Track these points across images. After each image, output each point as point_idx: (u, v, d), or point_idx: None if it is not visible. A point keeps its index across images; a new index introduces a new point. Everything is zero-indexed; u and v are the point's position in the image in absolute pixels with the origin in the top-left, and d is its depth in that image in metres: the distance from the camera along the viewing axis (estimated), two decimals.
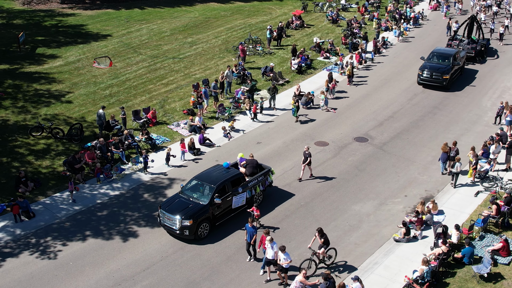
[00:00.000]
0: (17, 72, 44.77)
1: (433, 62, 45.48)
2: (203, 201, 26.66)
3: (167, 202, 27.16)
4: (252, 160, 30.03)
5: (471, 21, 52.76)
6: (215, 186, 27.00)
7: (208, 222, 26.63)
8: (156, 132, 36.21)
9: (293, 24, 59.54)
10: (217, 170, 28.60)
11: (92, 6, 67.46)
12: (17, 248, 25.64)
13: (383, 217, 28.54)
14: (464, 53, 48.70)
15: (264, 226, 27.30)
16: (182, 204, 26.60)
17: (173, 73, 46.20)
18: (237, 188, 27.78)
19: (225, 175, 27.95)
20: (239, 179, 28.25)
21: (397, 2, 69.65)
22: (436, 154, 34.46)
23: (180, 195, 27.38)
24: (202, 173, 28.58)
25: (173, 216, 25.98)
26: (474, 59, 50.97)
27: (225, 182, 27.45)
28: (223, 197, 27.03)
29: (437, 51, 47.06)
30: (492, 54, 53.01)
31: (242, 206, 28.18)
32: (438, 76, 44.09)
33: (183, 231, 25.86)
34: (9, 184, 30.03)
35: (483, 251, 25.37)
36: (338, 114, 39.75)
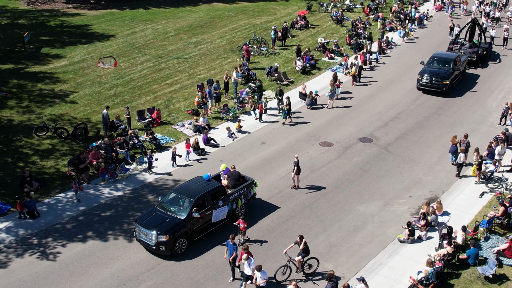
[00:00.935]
0: (22, 72, 44.83)
1: (433, 67, 44.52)
2: (181, 216, 25.57)
3: (144, 216, 26.04)
4: (234, 172, 28.74)
5: (472, 25, 51.98)
6: (193, 199, 25.85)
7: (185, 237, 25.51)
8: (160, 132, 36.22)
9: (298, 25, 59.50)
10: (197, 182, 27.39)
11: (97, 6, 67.53)
12: (22, 248, 25.67)
13: (387, 218, 28.49)
14: (465, 58, 47.78)
15: (250, 240, 26.40)
16: (158, 219, 25.52)
17: (177, 73, 46.22)
18: (217, 202, 26.60)
19: (204, 187, 26.75)
20: (220, 192, 27.04)
21: (402, 2, 69.56)
22: (441, 155, 34.47)
23: (157, 209, 26.31)
24: (181, 186, 27.71)
25: (149, 231, 24.91)
26: (475, 64, 50.01)
27: (204, 195, 26.27)
28: (202, 211, 25.91)
29: (437, 55, 46.12)
30: (494, 58, 52.40)
31: (223, 220, 27.10)
32: (438, 82, 43.17)
33: (159, 246, 24.82)
34: (14, 184, 30.07)
35: (488, 252, 25.30)
36: (343, 114, 39.70)
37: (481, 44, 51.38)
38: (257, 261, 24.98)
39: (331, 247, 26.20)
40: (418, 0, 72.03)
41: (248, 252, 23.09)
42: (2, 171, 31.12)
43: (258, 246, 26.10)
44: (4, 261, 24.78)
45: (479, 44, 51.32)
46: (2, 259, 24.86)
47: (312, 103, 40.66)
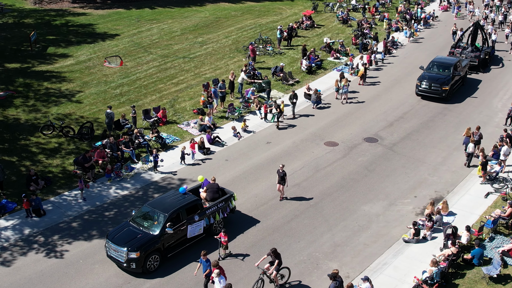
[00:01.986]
0: (29, 71, 45.03)
1: (432, 72, 43.33)
2: (153, 231, 24.46)
3: (115, 231, 24.91)
4: (213, 184, 27.52)
5: (474, 28, 50.86)
6: (167, 214, 24.68)
7: (158, 254, 24.41)
8: (166, 131, 36.31)
9: (304, 25, 59.51)
10: (172, 196, 26.32)
11: (103, 5, 67.73)
12: (27, 246, 25.80)
13: (392, 218, 28.49)
14: (466, 62, 46.43)
15: (232, 254, 25.50)
16: (130, 234, 24.40)
17: (183, 73, 46.32)
18: (193, 216, 25.50)
19: (179, 201, 25.61)
20: (196, 206, 25.90)
21: (408, 2, 69.49)
22: (446, 155, 34.46)
23: (130, 223, 25.18)
24: (155, 200, 26.61)
25: (119, 247, 23.81)
26: (477, 68, 48.70)
27: (179, 209, 25.12)
28: (176, 226, 24.82)
29: (437, 60, 44.87)
30: (497, 63, 51.28)
31: (199, 235, 25.99)
32: (437, 87, 41.96)
33: (130, 264, 23.72)
34: (20, 182, 30.22)
35: (493, 252, 25.28)
36: (348, 114, 39.71)
37: (483, 48, 50.29)
38: None
39: (336, 247, 26.22)
40: (424, 0, 71.92)
41: (219, 267, 22.31)
42: (8, 170, 31.24)
43: (263, 245, 26.11)
44: (10, 259, 24.90)
45: (481, 48, 50.20)
46: (8, 257, 24.99)
47: (317, 102, 40.66)
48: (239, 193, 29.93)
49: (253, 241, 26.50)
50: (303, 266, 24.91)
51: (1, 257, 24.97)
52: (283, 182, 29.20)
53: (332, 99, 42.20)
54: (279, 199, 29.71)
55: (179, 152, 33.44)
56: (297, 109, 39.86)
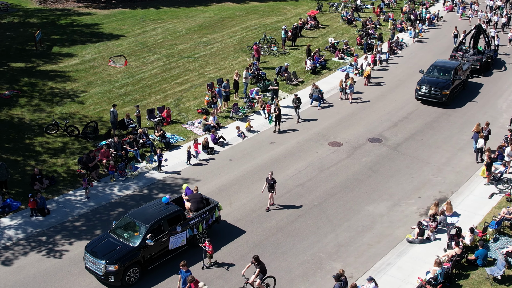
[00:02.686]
0: (33, 71, 45.14)
1: (432, 76, 42.44)
2: (133, 243, 23.64)
3: (94, 242, 24.20)
4: (196, 194, 26.87)
5: (477, 31, 50.02)
6: (148, 225, 23.89)
7: (138, 266, 23.62)
8: (170, 131, 36.35)
9: (308, 25, 59.50)
10: (154, 206, 25.44)
11: (108, 5, 67.84)
12: (31, 245, 25.86)
13: (396, 218, 28.46)
14: (467, 66, 45.30)
15: (217, 264, 24.85)
16: (109, 246, 23.63)
17: (187, 73, 46.36)
18: (175, 227, 24.70)
19: (161, 212, 24.80)
20: (179, 217, 25.11)
21: (413, 3, 69.41)
22: (450, 156, 34.42)
23: (110, 234, 24.39)
24: (136, 210, 25.69)
25: (97, 260, 23.07)
26: (479, 72, 47.60)
27: (160, 220, 24.33)
28: (158, 238, 24.05)
29: (437, 64, 43.96)
30: (499, 66, 50.22)
31: (182, 246, 25.16)
32: (437, 92, 40.94)
33: (108, 277, 22.97)
34: (25, 181, 30.30)
35: (497, 253, 25.21)
36: (352, 114, 39.69)
37: (485, 51, 49.44)
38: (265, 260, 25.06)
39: (340, 247, 26.20)
40: (429, 1, 71.83)
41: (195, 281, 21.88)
42: (13, 169, 31.31)
43: (266, 245, 26.13)
44: (14, 258, 24.97)
45: (483, 51, 49.38)
46: (12, 256, 25.06)
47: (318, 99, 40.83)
48: (243, 193, 30.04)
49: (257, 241, 26.52)
50: (306, 266, 24.90)
51: (5, 256, 25.06)
52: (273, 190, 28.55)
53: (337, 99, 42.18)
54: (266, 208, 28.87)
55: (183, 152, 33.51)
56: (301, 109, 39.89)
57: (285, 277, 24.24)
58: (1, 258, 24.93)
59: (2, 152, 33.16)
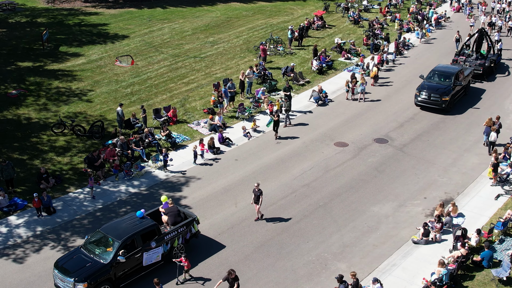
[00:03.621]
0: (40, 70, 45.30)
1: (433, 82, 41.31)
2: (104, 259, 22.71)
3: (64, 258, 23.30)
4: (173, 207, 25.85)
5: (480, 35, 48.83)
6: (120, 241, 22.99)
7: (109, 284, 22.74)
8: (176, 131, 36.40)
9: (315, 25, 59.45)
10: (128, 220, 24.46)
11: (115, 5, 68.00)
12: (38, 243, 25.97)
13: (402, 219, 28.41)
14: (469, 71, 44.07)
15: (193, 278, 24.09)
16: (79, 262, 22.72)
17: (194, 72, 46.41)
18: (149, 243, 23.80)
19: (135, 227, 23.86)
20: (154, 232, 24.17)
21: (420, 3, 69.25)
22: (456, 156, 34.33)
23: (81, 250, 23.47)
24: (109, 224, 24.69)
25: (66, 277, 22.18)
26: (482, 77, 46.39)
27: (133, 236, 23.41)
28: (130, 254, 23.17)
29: (438, 69, 42.78)
30: (502, 71, 48.95)
31: (157, 262, 24.29)
32: (436, 98, 39.81)
33: None
34: (31, 180, 30.43)
35: (503, 254, 25.13)
36: (359, 115, 39.64)
37: (489, 56, 48.09)
38: (270, 260, 25.13)
39: (345, 247, 26.18)
40: (436, 1, 71.63)
41: None
42: (19, 168, 31.45)
43: (271, 245, 26.13)
44: (20, 256, 25.08)
45: (486, 55, 48.05)
46: (18, 254, 25.18)
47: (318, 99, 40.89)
48: (248, 193, 29.95)
49: (262, 241, 26.53)
50: (311, 267, 24.90)
51: (11, 254, 25.18)
52: (259, 202, 27.61)
53: (343, 99, 42.14)
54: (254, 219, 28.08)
55: (189, 152, 33.56)
56: (306, 109, 39.97)
57: (290, 277, 24.25)
58: (8, 256, 25.06)
59: (9, 150, 33.31)
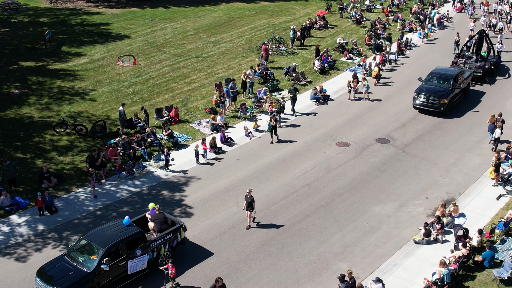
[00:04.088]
0: (43, 69, 45.36)
1: (431, 84, 40.72)
2: (88, 268, 22.22)
3: (47, 266, 22.80)
4: (159, 214, 25.33)
5: (479, 37, 48.07)
6: (104, 249, 22.52)
7: None
8: (178, 130, 36.43)
9: (317, 25, 59.44)
10: (113, 227, 23.97)
11: (118, 4, 68.03)
12: (39, 242, 26.03)
13: (403, 219, 28.41)
14: (468, 74, 43.42)
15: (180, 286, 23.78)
16: (62, 271, 22.23)
17: (196, 72, 46.44)
18: (134, 251, 23.35)
19: (120, 234, 23.38)
20: (139, 239, 23.69)
21: (422, 3, 69.19)
22: (458, 157, 34.30)
23: (64, 258, 22.97)
24: (94, 231, 24.13)
25: (48, 286, 21.68)
26: (482, 79, 45.57)
27: (118, 243, 22.93)
28: (115, 262, 22.69)
29: (436, 71, 42.16)
30: (503, 73, 48.18)
31: (142, 270, 23.85)
32: (435, 101, 39.27)
33: None
34: (33, 179, 30.48)
35: (504, 254, 25.12)
36: (360, 115, 39.63)
37: (489, 57, 47.46)
38: (271, 260, 25.15)
39: (346, 247, 26.20)
40: (439, 1, 71.57)
41: None
42: (21, 167, 31.51)
43: (273, 245, 26.15)
44: (22, 255, 25.15)
45: (486, 57, 47.34)
46: (20, 253, 25.25)
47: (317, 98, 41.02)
48: None
49: (263, 240, 26.55)
50: (312, 266, 24.92)
51: (13, 253, 25.24)
52: (251, 209, 27.00)
53: (345, 99, 42.15)
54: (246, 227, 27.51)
55: (190, 151, 33.59)
56: (308, 109, 39.97)
57: (291, 277, 24.28)
58: (10, 255, 25.13)
59: (11, 150, 33.37)
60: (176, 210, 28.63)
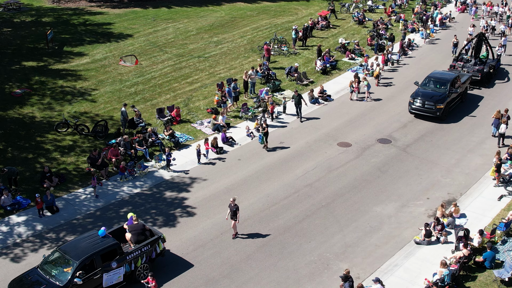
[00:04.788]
0: (45, 69, 45.44)
1: (427, 89, 39.79)
2: (60, 281, 21.44)
3: (19, 278, 22.20)
4: (137, 225, 24.46)
5: (478, 40, 46.85)
6: (77, 261, 21.77)
7: None
8: (179, 130, 36.46)
9: (319, 25, 59.43)
10: (88, 239, 23.18)
11: (120, 4, 68.12)
12: (39, 242, 26.07)
13: (404, 219, 28.39)
14: (466, 78, 42.41)
15: None
16: (33, 284, 21.57)
17: (198, 72, 46.46)
18: (110, 263, 22.64)
19: (95, 246, 22.60)
20: (115, 251, 22.92)
21: (425, 3, 69.12)
22: (460, 157, 34.25)
23: (37, 270, 22.29)
24: (68, 243, 23.32)
25: None
26: (480, 83, 44.61)
27: (92, 256, 22.16)
28: (89, 275, 21.96)
29: (433, 75, 41.22)
30: (502, 77, 47.13)
31: (119, 283, 23.14)
32: (431, 106, 38.35)
33: None
34: (34, 179, 30.54)
35: (505, 255, 25.09)
36: (362, 115, 39.61)
37: (488, 61, 46.27)
38: (272, 260, 25.15)
39: (347, 247, 26.19)
40: (441, 2, 71.48)
41: None
42: (23, 166, 31.58)
43: (273, 245, 26.14)
44: (22, 255, 25.19)
45: (485, 61, 46.16)
46: (19, 253, 25.28)
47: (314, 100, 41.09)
48: (251, 193, 30.10)
49: (264, 240, 26.55)
50: (313, 267, 24.91)
51: (14, 253, 25.28)
52: (235, 218, 26.11)
53: (346, 99, 42.13)
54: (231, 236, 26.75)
55: (192, 151, 33.62)
56: (310, 109, 39.96)
57: (292, 277, 24.28)
58: (10, 255, 25.18)
59: (13, 149, 33.44)
60: (177, 210, 28.66)
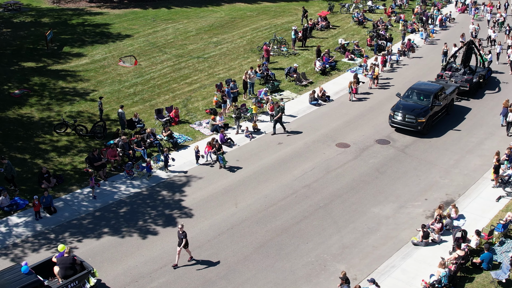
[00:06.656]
0: (44, 70, 45.45)
1: (410, 101, 37.70)
2: None
3: None
4: (66, 258, 22.86)
5: (468, 48, 44.49)
6: None
7: None
8: (178, 131, 36.45)
9: (319, 25, 59.41)
10: (8, 275, 21.55)
11: (120, 5, 68.16)
12: (38, 243, 26.06)
13: (402, 220, 28.36)
14: (453, 89, 40.33)
15: None
16: None
17: (197, 73, 46.46)
18: None
19: (14, 284, 20.94)
20: None
21: (425, 4, 69.08)
22: (458, 158, 34.21)
23: None
24: None
25: None
26: (468, 94, 42.50)
27: None
28: None
29: (416, 87, 38.98)
30: (492, 87, 45.08)
31: None
32: (411, 119, 36.24)
33: None
34: (32, 180, 30.54)
35: (503, 256, 25.07)
36: (361, 116, 39.57)
37: (477, 70, 44.19)
38: (269, 261, 25.13)
39: (344, 248, 26.16)
40: (441, 2, 71.44)
41: None
42: (21, 167, 31.59)
43: (271, 246, 26.13)
44: (21, 255, 25.17)
45: (475, 70, 43.90)
46: (18, 254, 25.28)
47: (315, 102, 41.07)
48: (249, 193, 30.08)
49: (262, 241, 26.52)
50: (310, 268, 24.89)
51: (12, 254, 25.28)
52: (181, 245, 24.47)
53: (345, 100, 42.10)
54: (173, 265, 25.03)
55: (190, 152, 33.62)
56: (309, 110, 39.96)
57: (289, 278, 24.26)
58: (9, 256, 25.17)
59: (11, 150, 33.45)
60: (175, 211, 28.67)
